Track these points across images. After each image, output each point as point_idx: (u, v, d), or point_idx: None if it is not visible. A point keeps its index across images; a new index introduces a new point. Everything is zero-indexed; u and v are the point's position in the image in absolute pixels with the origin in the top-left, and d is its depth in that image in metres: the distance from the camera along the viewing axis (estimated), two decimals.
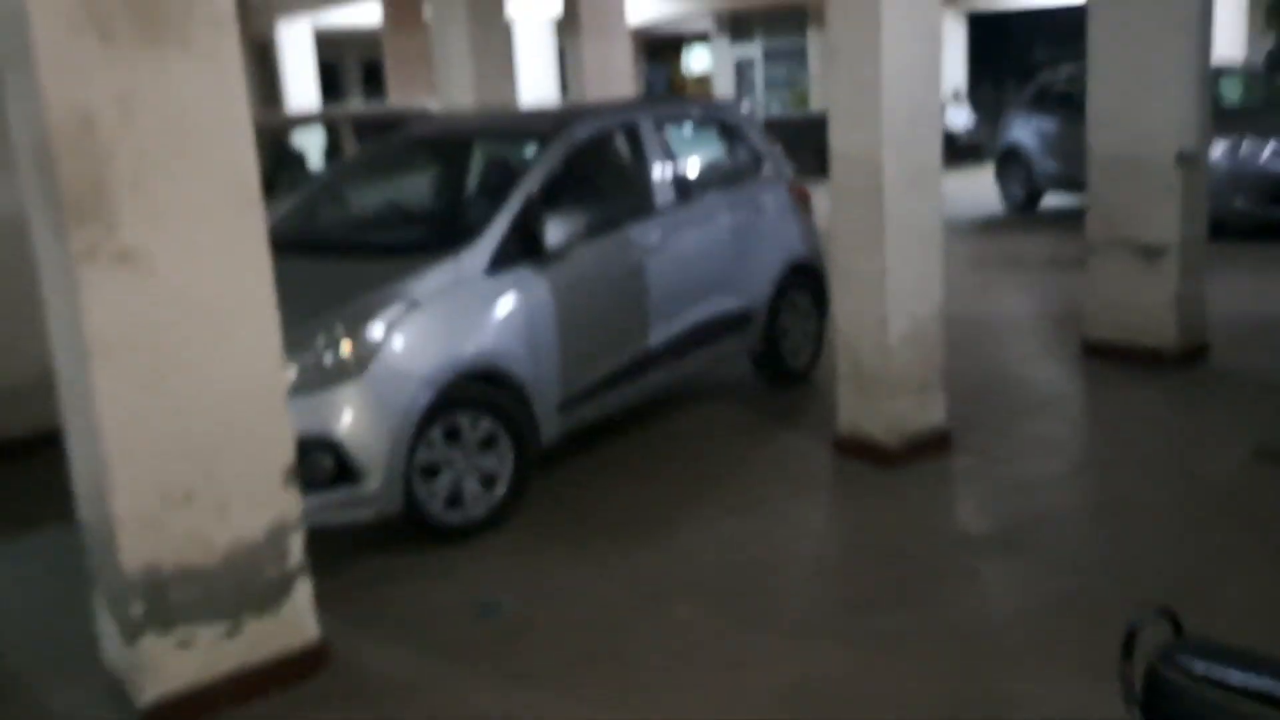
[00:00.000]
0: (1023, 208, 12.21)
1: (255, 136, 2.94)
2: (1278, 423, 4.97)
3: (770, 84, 18.59)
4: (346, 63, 19.34)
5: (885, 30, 4.28)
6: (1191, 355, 5.92)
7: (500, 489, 4.13)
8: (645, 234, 4.89)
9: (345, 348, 3.79)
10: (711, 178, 5.61)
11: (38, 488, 4.48)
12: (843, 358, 4.74)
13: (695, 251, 5.14)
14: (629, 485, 4.62)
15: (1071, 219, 11.42)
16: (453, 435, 4.00)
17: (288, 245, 4.70)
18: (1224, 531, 3.88)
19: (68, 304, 2.78)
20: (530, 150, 4.74)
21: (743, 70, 19.03)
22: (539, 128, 4.79)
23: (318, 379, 3.74)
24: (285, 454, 3.08)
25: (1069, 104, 11.59)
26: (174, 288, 2.84)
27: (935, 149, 4.57)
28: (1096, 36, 5.88)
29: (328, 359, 3.77)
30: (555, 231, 4.32)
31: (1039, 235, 10.79)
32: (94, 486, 2.89)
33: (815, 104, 17.51)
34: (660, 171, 5.11)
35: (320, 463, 3.68)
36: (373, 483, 3.76)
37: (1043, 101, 11.69)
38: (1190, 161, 5.70)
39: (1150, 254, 5.84)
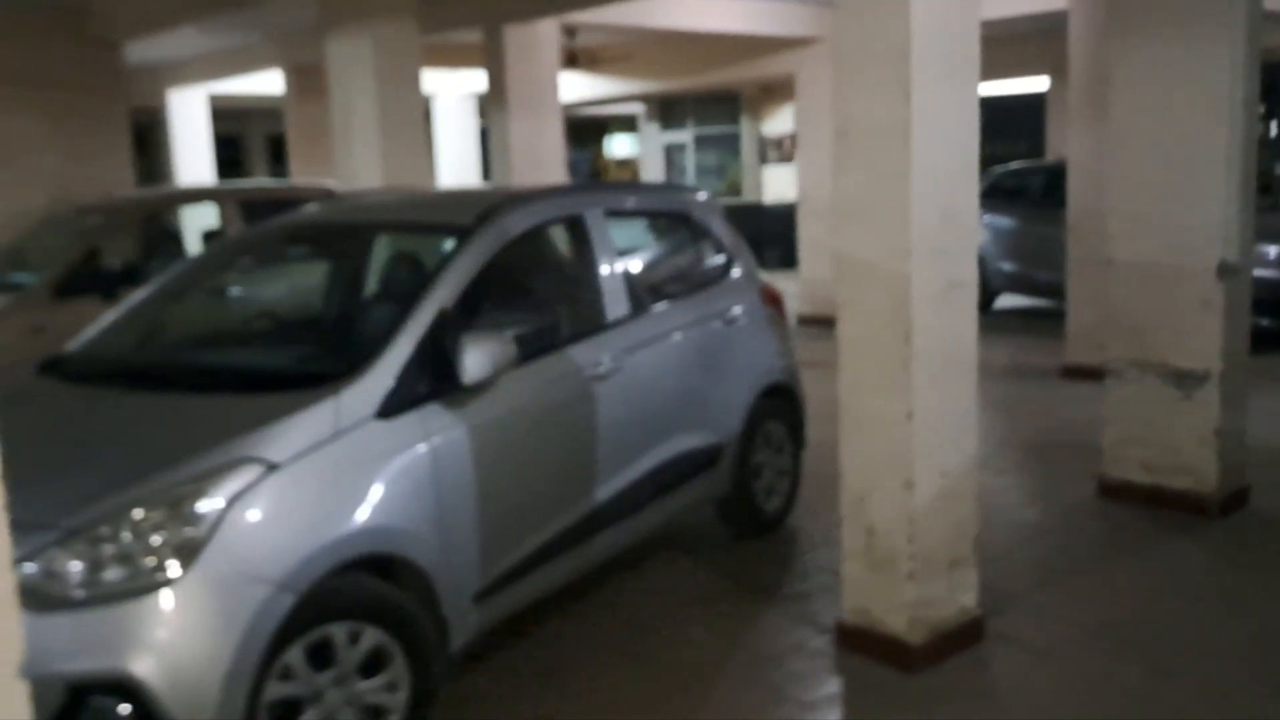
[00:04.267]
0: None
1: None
2: None
3: (702, 171, 17.86)
4: (250, 136, 18.02)
5: (916, 105, 3.28)
6: (1233, 500, 5.00)
7: None
8: (593, 356, 3.76)
9: (154, 538, 2.53)
10: (673, 282, 4.52)
11: None
12: (849, 525, 3.63)
13: (656, 376, 4.02)
14: (557, 706, 3.39)
15: (1030, 322, 10.75)
16: (321, 654, 2.76)
17: (102, 374, 3.47)
18: None
19: None
20: (447, 247, 3.57)
21: (673, 155, 18.29)
22: (458, 218, 3.62)
23: (108, 587, 2.47)
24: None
25: (1025, 201, 10.95)
26: None
27: (971, 259, 3.57)
28: (1121, 127, 5.02)
29: (125, 555, 2.51)
30: (476, 357, 3.14)
31: (997, 341, 9.95)
32: None
33: (748, 193, 16.86)
34: (611, 275, 3.99)
35: (110, 718, 2.41)
36: None
37: (996, 199, 10.93)
38: (1233, 273, 4.83)
39: (1186, 381, 4.93)
